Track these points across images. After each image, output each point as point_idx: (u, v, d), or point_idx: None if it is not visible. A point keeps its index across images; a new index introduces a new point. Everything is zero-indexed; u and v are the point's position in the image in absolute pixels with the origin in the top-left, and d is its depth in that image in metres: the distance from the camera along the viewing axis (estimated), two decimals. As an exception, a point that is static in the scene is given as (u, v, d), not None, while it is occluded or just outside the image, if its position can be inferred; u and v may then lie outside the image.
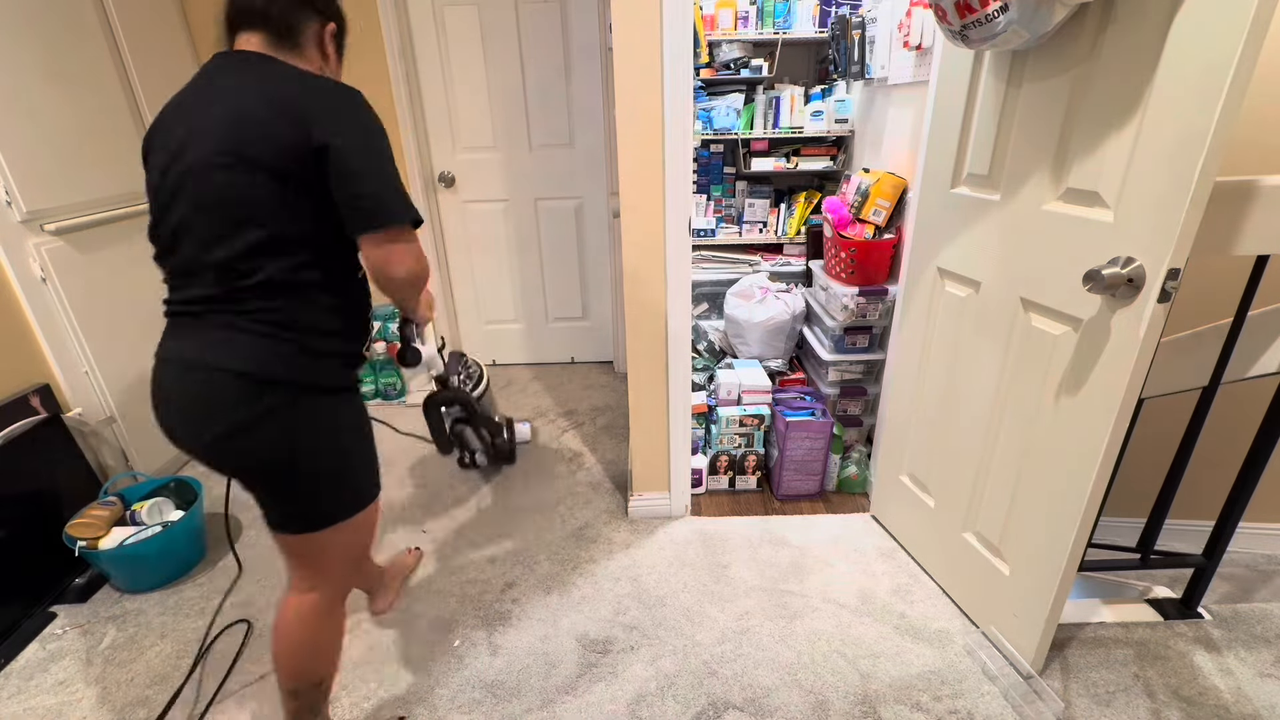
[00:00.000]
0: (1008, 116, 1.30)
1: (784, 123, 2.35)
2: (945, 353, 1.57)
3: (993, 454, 1.45)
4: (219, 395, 0.95)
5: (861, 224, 1.95)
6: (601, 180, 2.81)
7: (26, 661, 1.54)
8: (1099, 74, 1.11)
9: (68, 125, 1.92)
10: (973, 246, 1.44)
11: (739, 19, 2.29)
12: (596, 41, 2.56)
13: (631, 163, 1.59)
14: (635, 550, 1.86)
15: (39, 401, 1.80)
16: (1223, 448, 1.57)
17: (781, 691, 1.40)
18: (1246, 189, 1.16)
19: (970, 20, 1.12)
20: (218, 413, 0.95)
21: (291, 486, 1.02)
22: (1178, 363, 1.47)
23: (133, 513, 1.78)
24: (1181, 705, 1.34)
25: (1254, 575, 1.91)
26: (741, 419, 2.04)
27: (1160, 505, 1.55)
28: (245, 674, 1.48)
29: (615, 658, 1.50)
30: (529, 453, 2.41)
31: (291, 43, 1.02)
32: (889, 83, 1.91)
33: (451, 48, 2.59)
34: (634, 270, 1.71)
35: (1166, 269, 1.03)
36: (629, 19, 1.46)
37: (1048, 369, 1.28)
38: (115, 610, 1.69)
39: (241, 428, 0.95)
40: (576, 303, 3.08)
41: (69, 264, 1.89)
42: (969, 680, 1.41)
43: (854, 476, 2.08)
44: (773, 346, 2.31)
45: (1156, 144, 1.03)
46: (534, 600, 1.68)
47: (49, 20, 1.88)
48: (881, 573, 1.74)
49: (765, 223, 2.55)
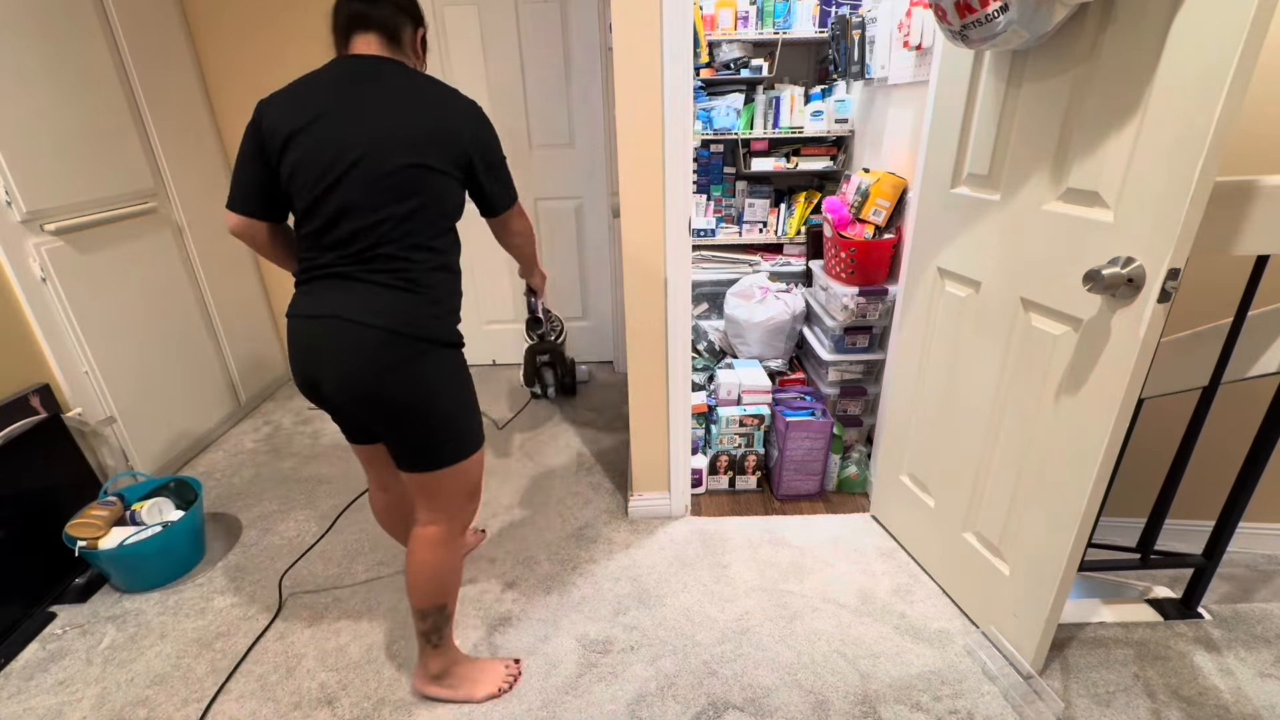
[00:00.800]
0: (1008, 116, 1.30)
1: (784, 123, 2.35)
2: (945, 353, 1.57)
3: (993, 454, 1.45)
4: (371, 343, 1.10)
5: (861, 224, 1.95)
6: (601, 180, 2.81)
7: (26, 661, 1.54)
8: (1099, 74, 1.11)
9: (68, 125, 1.93)
10: (973, 246, 1.44)
11: (739, 19, 2.29)
12: (596, 41, 2.56)
13: (631, 163, 1.59)
14: (635, 550, 1.86)
15: (39, 401, 1.80)
16: (1223, 448, 1.57)
17: (781, 691, 1.40)
18: (1246, 189, 1.17)
19: (970, 20, 1.12)
20: (373, 358, 1.11)
21: (425, 428, 1.18)
22: (1178, 363, 1.47)
23: (133, 513, 1.78)
24: (1181, 705, 1.34)
25: (1254, 575, 1.91)
26: (741, 419, 2.04)
27: (1160, 505, 1.55)
28: (247, 674, 1.48)
29: (615, 658, 1.50)
30: (530, 453, 2.41)
31: (398, 45, 1.17)
32: (889, 83, 1.91)
33: (451, 48, 2.59)
34: (634, 270, 1.70)
35: (1166, 269, 1.03)
36: (629, 19, 1.46)
37: (1048, 369, 1.28)
38: (115, 610, 1.69)
39: (391, 371, 1.11)
40: (576, 303, 3.08)
41: (69, 264, 1.89)
42: (969, 680, 1.41)
43: (854, 476, 2.08)
44: (773, 346, 2.31)
45: (1156, 144, 1.03)
46: (534, 600, 1.68)
47: (49, 20, 1.88)
48: (881, 573, 1.74)
49: (765, 223, 2.55)
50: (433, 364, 1.16)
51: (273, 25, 2.49)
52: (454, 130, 1.13)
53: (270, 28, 2.49)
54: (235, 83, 2.57)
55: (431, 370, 1.16)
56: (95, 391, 1.98)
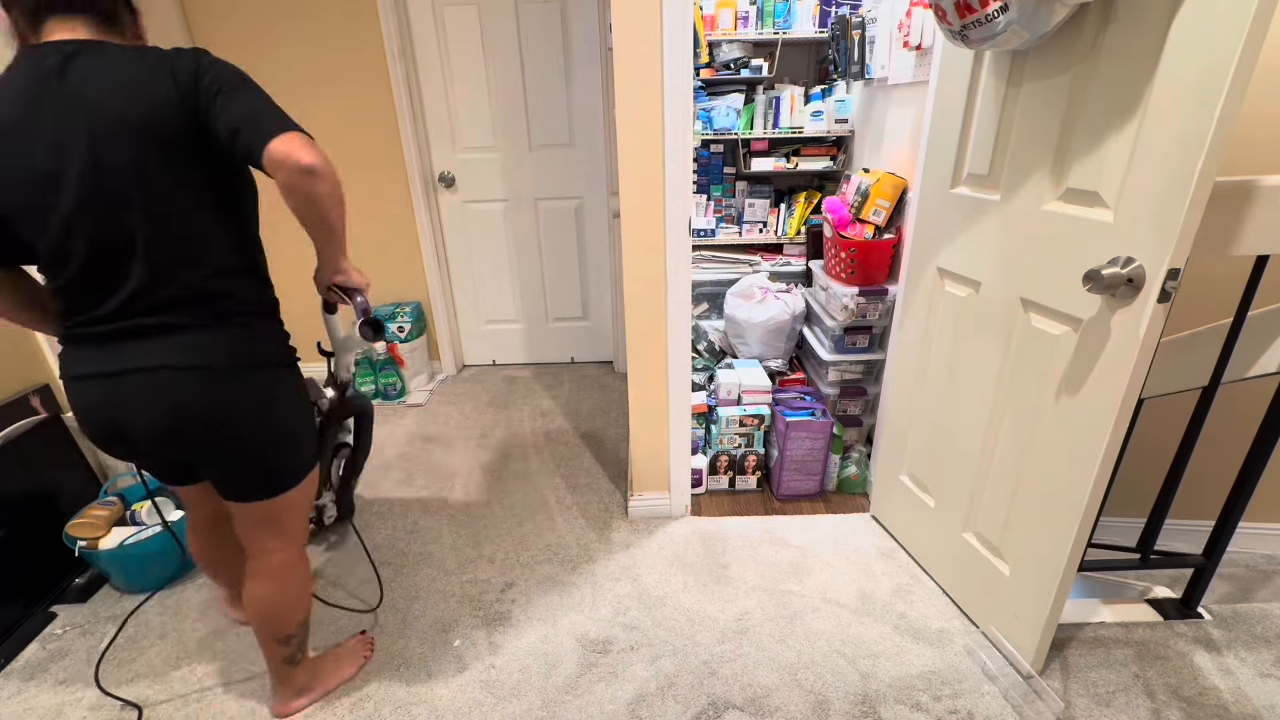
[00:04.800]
0: (1008, 116, 1.30)
1: (784, 123, 2.35)
2: (945, 353, 1.57)
3: (993, 454, 1.45)
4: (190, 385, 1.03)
5: (861, 224, 1.95)
6: (601, 180, 2.81)
7: (26, 661, 1.54)
8: (1099, 74, 1.11)
9: (68, 125, 1.92)
10: (973, 246, 1.44)
11: (739, 19, 2.29)
12: (596, 41, 2.56)
13: (631, 163, 1.59)
14: (635, 550, 1.86)
15: (39, 402, 1.80)
16: (1223, 448, 1.57)
17: (782, 691, 1.40)
18: (1246, 189, 1.17)
19: (970, 20, 1.12)
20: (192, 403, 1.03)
21: (258, 455, 1.11)
22: (1178, 363, 1.47)
23: (133, 513, 1.78)
24: (1181, 705, 1.34)
25: (1254, 575, 1.91)
26: (741, 419, 2.04)
27: (1160, 505, 1.55)
28: (244, 671, 1.48)
29: (615, 658, 1.50)
30: (528, 453, 2.41)
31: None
32: (889, 83, 1.91)
33: (451, 48, 2.59)
34: (634, 270, 1.71)
35: (1166, 269, 1.03)
36: (629, 19, 1.46)
37: (1048, 369, 1.28)
38: (115, 610, 1.69)
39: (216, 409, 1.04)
40: (576, 303, 3.08)
41: (69, 264, 1.89)
42: (969, 680, 1.41)
43: (854, 476, 2.08)
44: (773, 346, 2.31)
45: (1156, 144, 1.03)
46: (534, 600, 1.68)
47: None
48: (881, 573, 1.74)
49: (765, 223, 2.55)
50: (264, 387, 1.10)
51: (274, 28, 2.49)
52: None
53: (272, 30, 2.49)
54: (235, 83, 2.56)
55: (259, 393, 1.09)
56: (95, 391, 1.97)
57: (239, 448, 1.09)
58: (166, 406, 1.02)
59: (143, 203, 0.95)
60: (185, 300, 1.01)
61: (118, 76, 0.93)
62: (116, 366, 1.00)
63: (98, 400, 1.03)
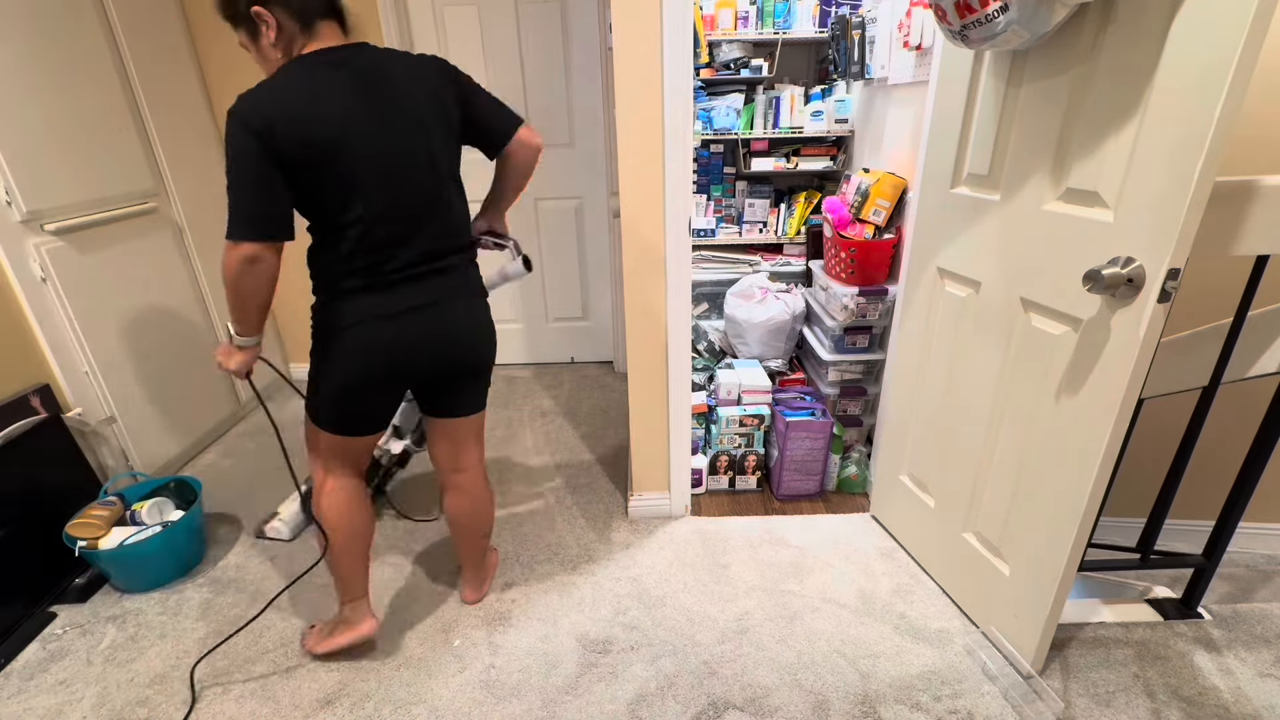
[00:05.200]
0: (1008, 116, 1.30)
1: (784, 123, 2.35)
2: (945, 353, 1.57)
3: (993, 454, 1.45)
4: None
5: (861, 224, 1.96)
6: (601, 180, 2.81)
7: (26, 661, 1.54)
8: (1099, 74, 1.11)
9: (68, 125, 1.92)
10: (973, 246, 1.44)
11: (739, 19, 2.29)
12: (596, 41, 2.56)
13: (631, 163, 1.59)
14: (635, 550, 1.86)
15: (39, 401, 1.80)
16: (1223, 448, 1.57)
17: (782, 691, 1.40)
18: (1246, 189, 1.17)
19: (970, 20, 1.12)
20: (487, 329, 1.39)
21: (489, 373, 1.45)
22: (1178, 363, 1.47)
23: (133, 513, 1.78)
24: (1181, 705, 1.34)
25: (1254, 575, 1.91)
26: (741, 419, 2.04)
27: (1160, 505, 1.55)
28: (245, 672, 1.49)
29: (615, 658, 1.50)
30: (528, 453, 2.41)
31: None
32: (889, 83, 1.91)
33: (451, 48, 2.59)
34: (634, 270, 1.71)
35: (1166, 269, 1.03)
36: (629, 19, 1.47)
37: (1048, 369, 1.28)
38: (115, 610, 1.69)
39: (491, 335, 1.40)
40: (576, 303, 3.08)
41: (69, 264, 1.89)
42: (969, 680, 1.41)
43: (854, 476, 2.08)
44: (773, 346, 2.31)
45: (1156, 144, 1.03)
46: (534, 600, 1.68)
47: (49, 20, 1.88)
48: (881, 573, 1.74)
49: (765, 223, 2.55)
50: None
51: (273, 25, 2.48)
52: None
53: (270, 28, 2.48)
54: (235, 83, 2.55)
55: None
56: (95, 391, 1.98)
57: (492, 360, 1.43)
58: (470, 324, 1.33)
59: (450, 169, 1.28)
60: (460, 248, 1.32)
61: (408, 70, 1.19)
62: (428, 299, 1.26)
63: (417, 326, 1.26)
